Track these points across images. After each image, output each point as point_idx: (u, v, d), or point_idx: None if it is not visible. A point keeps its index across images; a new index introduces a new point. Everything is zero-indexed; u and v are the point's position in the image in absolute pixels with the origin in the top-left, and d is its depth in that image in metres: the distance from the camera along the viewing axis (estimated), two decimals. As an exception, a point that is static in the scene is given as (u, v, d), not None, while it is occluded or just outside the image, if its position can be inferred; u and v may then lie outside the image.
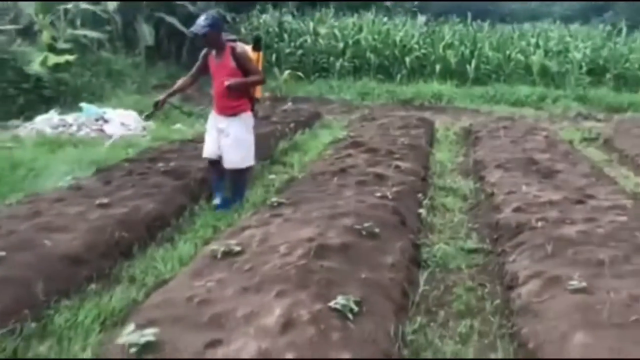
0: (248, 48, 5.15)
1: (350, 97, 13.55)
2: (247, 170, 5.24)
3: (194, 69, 5.22)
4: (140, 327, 2.62)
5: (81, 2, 13.54)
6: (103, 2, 14.04)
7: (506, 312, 3.32)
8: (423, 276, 3.73)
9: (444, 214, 5.19)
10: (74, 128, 8.50)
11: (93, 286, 3.48)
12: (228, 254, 3.53)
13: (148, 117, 5.23)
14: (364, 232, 3.86)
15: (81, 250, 3.68)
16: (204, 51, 5.08)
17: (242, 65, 4.88)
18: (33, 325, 2.98)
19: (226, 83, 4.77)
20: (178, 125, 9.57)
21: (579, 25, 21.78)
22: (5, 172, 5.90)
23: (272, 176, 6.42)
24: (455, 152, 7.96)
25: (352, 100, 13.23)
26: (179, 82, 5.32)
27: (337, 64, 15.69)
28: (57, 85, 10.80)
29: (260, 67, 5.30)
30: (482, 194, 5.65)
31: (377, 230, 3.92)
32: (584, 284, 3.09)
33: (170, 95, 5.34)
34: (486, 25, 18.78)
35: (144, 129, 9.01)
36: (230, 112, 5.00)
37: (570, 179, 5.54)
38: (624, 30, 17.40)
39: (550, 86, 14.48)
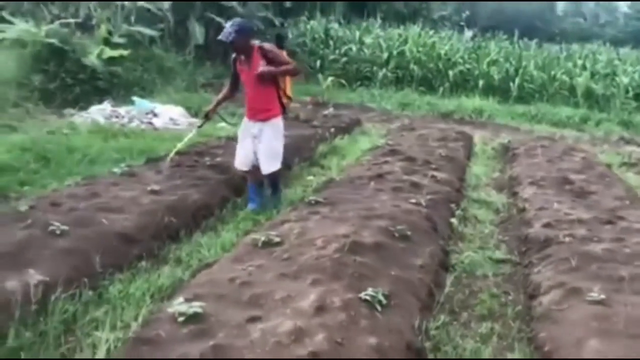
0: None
1: (390, 106, 13.73)
2: (274, 173, 5.24)
3: (230, 78, 5.26)
4: (187, 300, 2.91)
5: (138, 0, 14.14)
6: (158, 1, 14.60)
7: (526, 318, 3.50)
8: (449, 279, 3.92)
9: (475, 224, 5.35)
10: (126, 120, 8.95)
11: (143, 263, 3.79)
12: (268, 243, 3.80)
13: (200, 127, 5.64)
14: (396, 234, 4.08)
15: (134, 231, 4.01)
16: (232, 58, 5.10)
17: (272, 58, 4.85)
18: (90, 293, 3.30)
19: (259, 69, 4.78)
20: (222, 124, 9.94)
21: (629, 49, 21.46)
22: (63, 155, 6.31)
23: (310, 177, 6.68)
24: (492, 167, 8.08)
25: (393, 109, 13.41)
26: (222, 92, 5.44)
27: (380, 74, 15.91)
28: (110, 77, 11.30)
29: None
30: (514, 208, 5.79)
31: (409, 233, 4.14)
32: (602, 296, 3.25)
33: (217, 105, 5.41)
34: (533, 43, 18.75)
35: (190, 124, 9.41)
36: (262, 117, 5.01)
37: (602, 200, 5.63)
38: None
39: (594, 109, 14.35)
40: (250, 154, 5.09)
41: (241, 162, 5.18)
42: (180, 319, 2.76)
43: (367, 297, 3.05)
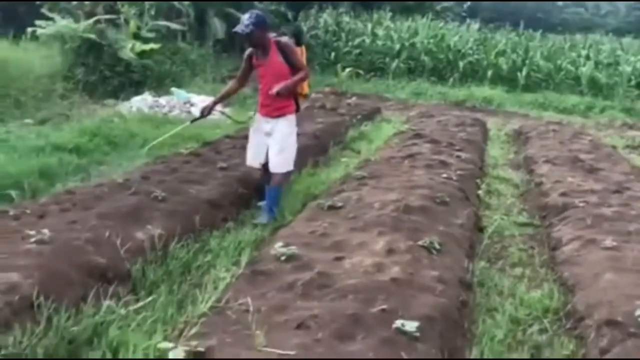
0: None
1: (405, 96, 14.46)
2: (286, 175, 4.98)
3: (239, 72, 4.98)
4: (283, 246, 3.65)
5: (163, -5, 14.81)
6: (180, -5, 15.27)
7: (551, 265, 4.24)
8: (484, 236, 4.67)
9: (498, 197, 6.10)
10: (167, 109, 9.68)
11: (231, 224, 4.54)
12: (333, 207, 4.55)
13: (192, 122, 5.29)
14: (437, 200, 4.82)
15: (217, 198, 4.78)
16: (247, 52, 4.82)
17: (289, 58, 4.68)
18: (196, 245, 4.05)
19: (274, 90, 4.53)
20: (251, 113, 10.67)
21: (631, 38, 22.07)
22: (126, 140, 7.06)
23: (344, 159, 7.44)
24: (506, 149, 8.82)
25: (407, 99, 14.12)
26: (227, 87, 5.26)
27: (393, 65, 16.62)
28: (143, 70, 12.01)
29: (304, 62, 5.24)
30: (531, 183, 6.52)
31: (447, 199, 4.88)
32: (614, 243, 3.98)
33: (219, 101, 5.13)
34: (538, 34, 19.42)
35: (223, 114, 10.12)
36: (276, 113, 4.77)
37: (610, 175, 6.36)
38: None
39: (598, 97, 15.06)
40: (263, 150, 4.85)
41: (252, 157, 4.94)
42: (282, 258, 3.51)
43: (425, 244, 3.80)
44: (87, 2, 14.17)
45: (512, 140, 9.68)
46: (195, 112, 9.86)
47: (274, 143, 4.78)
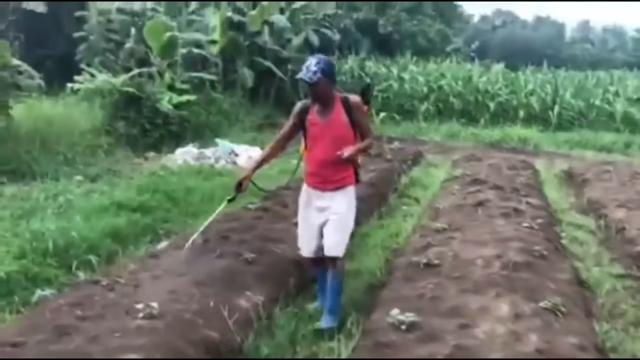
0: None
1: (439, 138, 14.33)
2: (342, 260, 3.85)
3: (283, 131, 3.94)
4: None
5: (193, 48, 14.96)
6: (208, 46, 15.42)
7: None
8: (592, 292, 4.39)
9: (580, 245, 5.82)
10: (212, 160, 9.58)
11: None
12: (429, 265, 4.31)
13: (230, 202, 4.35)
14: (536, 254, 4.57)
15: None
16: (298, 106, 3.87)
17: (357, 120, 3.76)
18: (295, 310, 3.81)
19: (346, 154, 3.59)
20: (294, 162, 10.57)
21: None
22: (183, 194, 6.88)
23: (404, 207, 7.23)
24: (564, 192, 8.56)
25: (443, 141, 13.99)
26: (264, 153, 4.14)
27: (422, 107, 16.59)
28: (181, 121, 12.01)
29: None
30: (609, 229, 6.23)
31: (545, 253, 4.63)
32: None
33: (257, 168, 4.09)
34: (562, 72, 19.39)
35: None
36: (333, 186, 3.77)
37: (693, 218, 6.08)
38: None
39: (635, 133, 14.86)
40: (317, 233, 3.81)
41: (309, 245, 3.88)
42: (402, 327, 3.26)
43: (548, 307, 3.54)
44: (121, 55, 14.39)
45: (565, 182, 9.43)
46: (240, 161, 9.83)
47: (332, 223, 3.74)
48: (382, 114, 15.29)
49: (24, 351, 2.77)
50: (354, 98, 3.82)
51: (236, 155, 9.90)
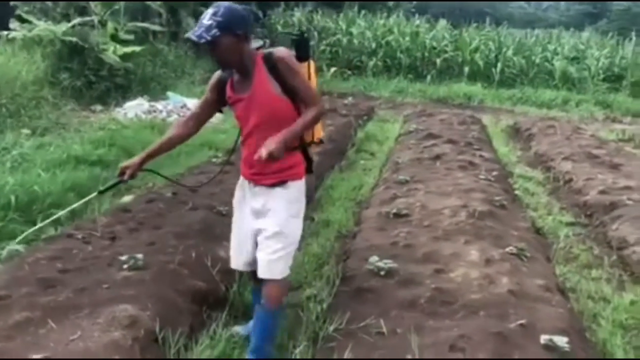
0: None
1: (388, 94, 14.49)
2: (285, 287, 2.82)
3: (195, 109, 2.95)
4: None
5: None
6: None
7: (620, 265, 4.28)
8: (547, 239, 4.68)
9: (532, 195, 6.14)
10: (164, 114, 9.35)
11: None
12: (398, 215, 4.46)
13: (102, 193, 3.17)
14: (496, 204, 4.80)
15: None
16: (215, 77, 2.79)
17: (291, 83, 2.62)
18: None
19: (263, 153, 2.44)
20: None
21: (589, 32, 22.86)
22: (141, 149, 6.71)
23: (362, 161, 7.36)
24: (511, 146, 8.92)
25: (392, 97, 14.16)
26: (168, 135, 2.94)
27: (371, 63, 16.65)
28: (126, 74, 11.59)
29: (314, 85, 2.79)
30: (558, 181, 6.58)
31: (505, 203, 4.87)
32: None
33: (150, 158, 2.87)
34: (504, 30, 19.83)
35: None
36: (270, 181, 2.72)
37: (633, 171, 6.50)
38: (634, 39, 18.46)
39: (572, 90, 15.51)
40: (251, 241, 2.81)
41: (239, 256, 2.90)
42: (381, 272, 3.40)
43: (514, 252, 3.76)
44: (60, 3, 13.60)
45: (511, 137, 9.81)
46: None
47: (264, 232, 2.70)
48: (333, 69, 15.21)
49: (11, 303, 2.72)
50: (279, 52, 2.62)
51: (188, 108, 9.69)
